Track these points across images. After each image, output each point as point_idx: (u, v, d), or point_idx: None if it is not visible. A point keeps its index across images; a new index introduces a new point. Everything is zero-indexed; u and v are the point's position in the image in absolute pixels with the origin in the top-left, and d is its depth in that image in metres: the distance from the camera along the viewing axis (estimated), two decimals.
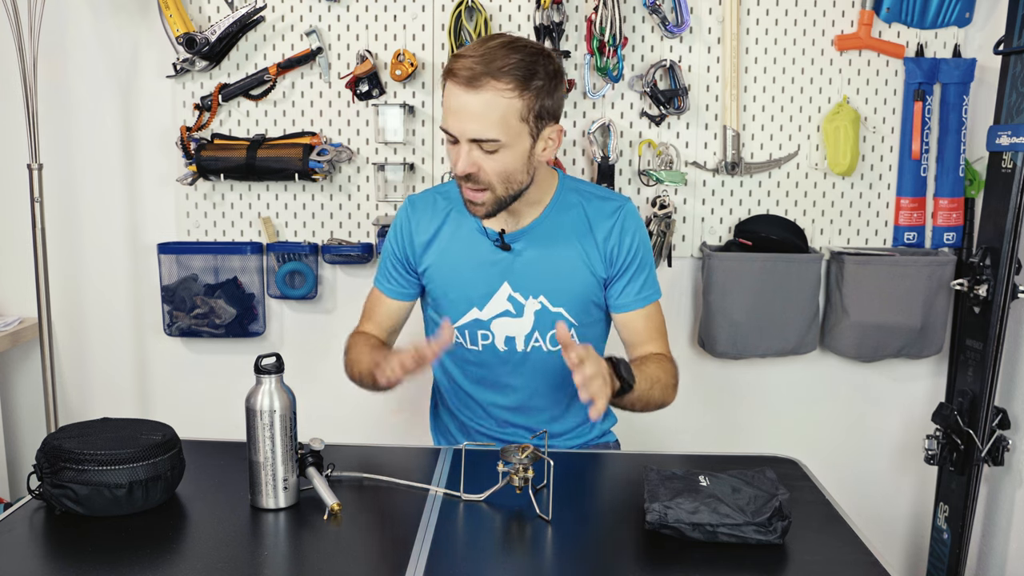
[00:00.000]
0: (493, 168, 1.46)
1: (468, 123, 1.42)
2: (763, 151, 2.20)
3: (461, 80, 1.41)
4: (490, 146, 1.44)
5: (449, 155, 1.50)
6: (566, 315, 1.60)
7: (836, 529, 1.27)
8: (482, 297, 1.60)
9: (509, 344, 1.61)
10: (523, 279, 1.59)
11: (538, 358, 1.62)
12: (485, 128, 1.42)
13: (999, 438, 2.03)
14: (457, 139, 1.45)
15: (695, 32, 2.15)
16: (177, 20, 2.09)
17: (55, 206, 2.23)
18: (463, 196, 1.52)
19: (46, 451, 1.26)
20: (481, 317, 1.60)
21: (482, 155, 1.45)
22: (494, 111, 1.41)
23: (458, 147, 1.46)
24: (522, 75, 1.41)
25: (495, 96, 1.40)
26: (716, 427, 2.31)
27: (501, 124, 1.42)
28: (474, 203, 1.50)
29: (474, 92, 1.40)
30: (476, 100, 1.41)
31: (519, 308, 1.59)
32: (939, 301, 2.15)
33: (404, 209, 1.67)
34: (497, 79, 1.40)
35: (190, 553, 1.19)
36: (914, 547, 2.38)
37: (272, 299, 2.28)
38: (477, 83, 1.40)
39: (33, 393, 2.33)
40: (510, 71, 1.41)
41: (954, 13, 2.12)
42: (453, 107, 1.44)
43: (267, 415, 1.25)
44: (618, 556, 1.19)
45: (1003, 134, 1.96)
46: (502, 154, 1.45)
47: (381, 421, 2.18)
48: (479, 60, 1.41)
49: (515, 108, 1.42)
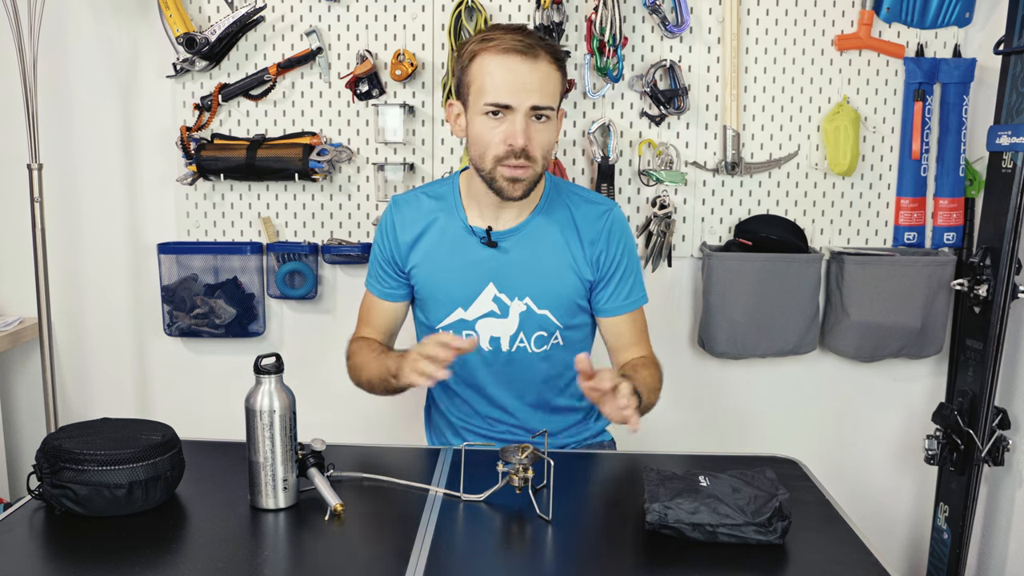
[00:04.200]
0: (542, 141, 1.49)
1: (532, 91, 1.45)
2: (763, 151, 2.20)
3: (516, 50, 1.44)
4: (547, 114, 1.47)
5: (486, 135, 1.48)
6: (551, 317, 1.60)
7: (836, 529, 1.27)
8: (467, 297, 1.59)
9: (494, 344, 1.61)
10: (509, 280, 1.58)
11: (523, 358, 1.62)
12: (545, 96, 1.46)
13: (999, 438, 2.03)
14: (502, 112, 1.46)
15: (695, 32, 2.15)
16: (177, 20, 2.09)
17: (55, 206, 2.23)
18: (500, 176, 1.49)
19: (46, 451, 1.26)
20: (466, 317, 1.60)
21: (535, 127, 1.47)
22: (549, 81, 1.47)
23: (505, 121, 1.46)
24: (559, 52, 1.51)
25: (548, 67, 1.47)
26: (716, 427, 2.31)
27: (554, 94, 1.49)
28: (518, 180, 1.49)
29: (532, 62, 1.45)
30: (536, 69, 1.45)
31: (504, 309, 1.59)
32: (939, 301, 2.15)
33: (388, 209, 1.66)
34: (547, 51, 1.47)
35: (190, 553, 1.19)
36: (914, 547, 2.38)
37: (272, 299, 2.28)
38: (534, 53, 1.45)
39: (33, 393, 2.33)
40: (549, 47, 1.48)
41: (954, 13, 2.12)
42: (509, 79, 1.45)
43: (267, 415, 1.25)
44: (618, 556, 1.19)
45: (1003, 134, 1.96)
46: (550, 126, 1.50)
47: (381, 421, 2.18)
48: (523, 36, 1.46)
49: (558, 81, 1.50)
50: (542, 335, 1.61)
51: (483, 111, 1.47)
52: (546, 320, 1.60)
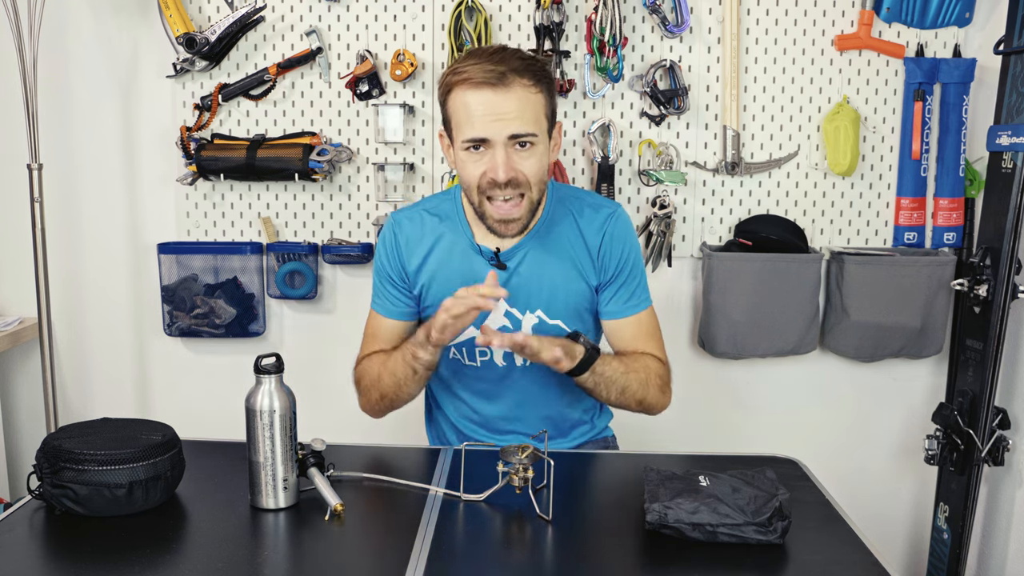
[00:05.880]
0: (530, 169, 1.43)
1: (508, 120, 1.40)
2: (763, 151, 2.20)
3: (486, 82, 1.39)
4: (529, 140, 1.42)
5: (467, 169, 1.45)
6: (563, 326, 1.58)
7: (836, 529, 1.27)
8: (479, 317, 1.56)
9: (508, 359, 1.60)
10: (519, 295, 1.56)
11: (537, 371, 1.59)
12: (524, 123, 1.41)
13: (999, 438, 2.03)
14: (482, 146, 1.42)
15: (695, 32, 2.15)
16: (177, 20, 2.09)
17: (55, 206, 2.23)
18: (489, 215, 1.47)
19: (46, 451, 1.26)
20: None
21: (517, 156, 1.42)
22: (527, 106, 1.41)
23: (486, 155, 1.43)
24: (539, 72, 1.43)
25: (524, 91, 1.41)
26: (716, 427, 2.31)
27: (534, 118, 1.42)
28: (508, 220, 1.46)
29: (504, 90, 1.39)
30: (508, 97, 1.39)
31: (516, 323, 1.58)
32: (939, 301, 2.15)
33: (389, 226, 1.62)
34: (521, 76, 1.40)
35: (190, 553, 1.19)
36: (914, 547, 2.38)
37: (272, 299, 2.28)
38: (505, 80, 1.39)
39: (33, 393, 2.33)
40: (528, 69, 1.42)
41: (954, 13, 2.12)
42: (481, 111, 1.40)
43: (267, 415, 1.25)
44: (618, 556, 1.19)
45: (1003, 134, 1.96)
46: (536, 152, 1.44)
47: (381, 421, 2.18)
48: (494, 62, 1.40)
49: (540, 104, 1.43)
50: None
51: (463, 147, 1.45)
52: (559, 330, 1.58)
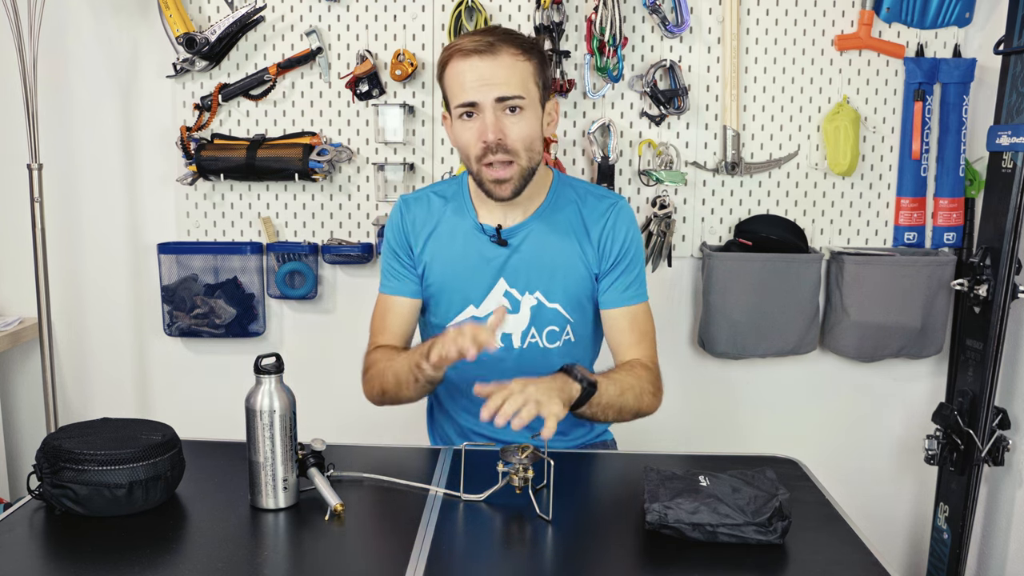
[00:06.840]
0: (518, 133, 1.49)
1: (493, 84, 1.47)
2: (763, 151, 2.20)
3: (475, 51, 1.47)
4: (516, 103, 1.48)
5: (464, 137, 1.51)
6: (562, 311, 1.60)
7: (836, 529, 1.27)
8: (479, 295, 1.60)
9: (505, 341, 1.61)
10: (519, 275, 1.59)
11: (534, 355, 1.61)
12: (511, 87, 1.48)
13: (999, 438, 2.03)
14: (474, 110, 1.48)
15: (695, 32, 2.15)
16: (177, 20, 2.09)
17: (55, 206, 2.23)
18: (485, 179, 1.52)
19: (46, 451, 1.26)
20: (478, 314, 1.60)
21: (507, 120, 1.48)
22: (514, 71, 1.48)
23: (477, 120, 1.49)
24: (528, 43, 1.52)
25: (512, 58, 1.48)
26: (716, 427, 2.31)
27: (522, 83, 1.49)
28: (501, 180, 1.51)
29: (492, 57, 1.47)
30: (495, 63, 1.47)
31: (515, 304, 1.60)
32: (939, 301, 2.15)
33: (398, 208, 1.67)
34: (509, 44, 1.48)
35: (190, 553, 1.19)
36: (914, 547, 2.38)
37: (272, 299, 2.28)
38: (493, 48, 1.47)
39: (33, 393, 2.33)
40: (516, 39, 1.51)
41: (954, 13, 2.12)
42: (471, 77, 1.48)
43: (267, 415, 1.25)
44: (618, 556, 1.19)
45: (1003, 134, 1.96)
46: (525, 117, 1.50)
47: (381, 421, 2.17)
48: (483, 34, 1.49)
49: (529, 70, 1.50)
50: (554, 330, 1.61)
51: (458, 115, 1.52)
52: (557, 314, 1.60)
